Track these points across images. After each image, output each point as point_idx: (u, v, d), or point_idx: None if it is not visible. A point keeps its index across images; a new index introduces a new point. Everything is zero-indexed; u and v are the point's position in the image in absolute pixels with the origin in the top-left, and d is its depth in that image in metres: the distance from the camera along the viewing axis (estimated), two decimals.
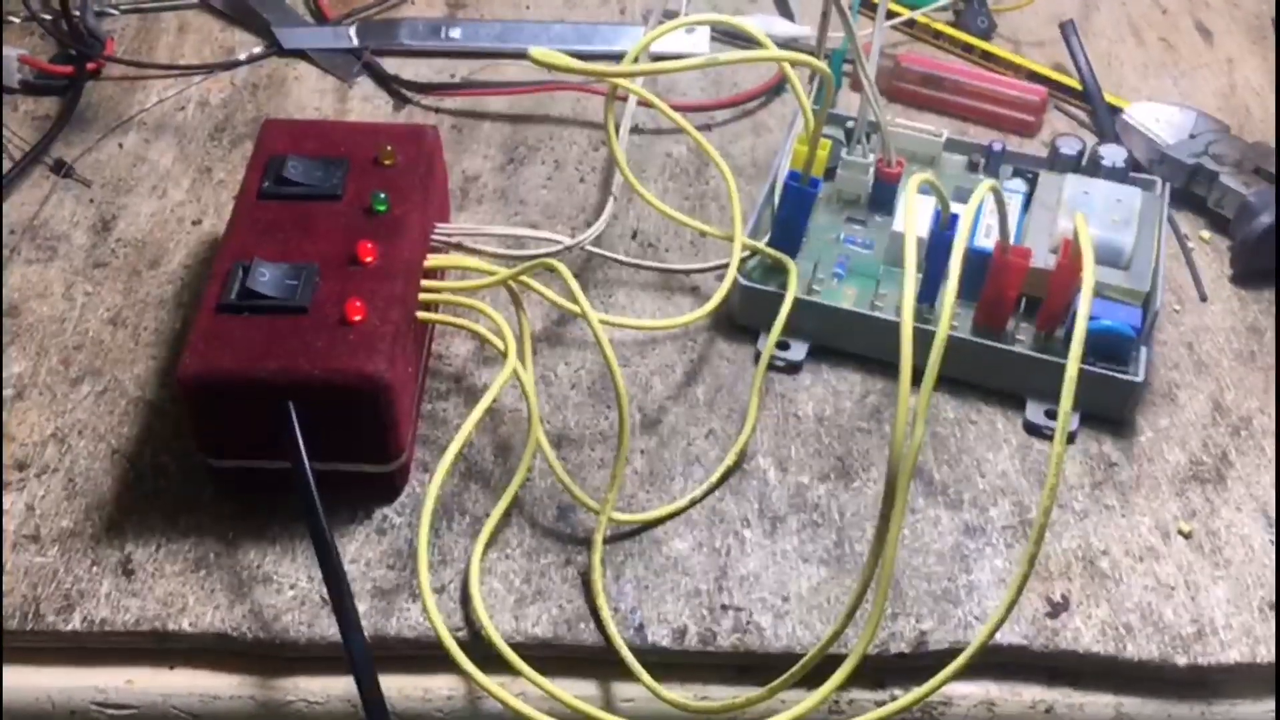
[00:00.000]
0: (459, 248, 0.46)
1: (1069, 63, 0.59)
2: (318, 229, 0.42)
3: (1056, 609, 0.40)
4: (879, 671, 0.39)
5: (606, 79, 0.44)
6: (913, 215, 0.36)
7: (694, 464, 0.44)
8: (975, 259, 0.44)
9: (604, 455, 0.44)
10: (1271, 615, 0.40)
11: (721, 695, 0.38)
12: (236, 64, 0.59)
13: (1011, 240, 0.44)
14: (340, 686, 0.38)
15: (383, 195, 0.43)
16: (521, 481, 0.42)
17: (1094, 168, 0.51)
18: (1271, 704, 0.40)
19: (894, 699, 0.38)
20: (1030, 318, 0.46)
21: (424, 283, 0.43)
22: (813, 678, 0.36)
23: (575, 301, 0.40)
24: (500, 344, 0.43)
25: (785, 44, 0.60)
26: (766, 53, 0.43)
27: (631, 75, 0.44)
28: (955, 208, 0.44)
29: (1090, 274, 0.35)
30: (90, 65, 0.58)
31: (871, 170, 0.50)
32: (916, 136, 0.52)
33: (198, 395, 0.38)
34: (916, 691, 0.36)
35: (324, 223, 0.42)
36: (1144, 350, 0.45)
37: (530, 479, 0.43)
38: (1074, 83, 0.59)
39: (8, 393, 0.45)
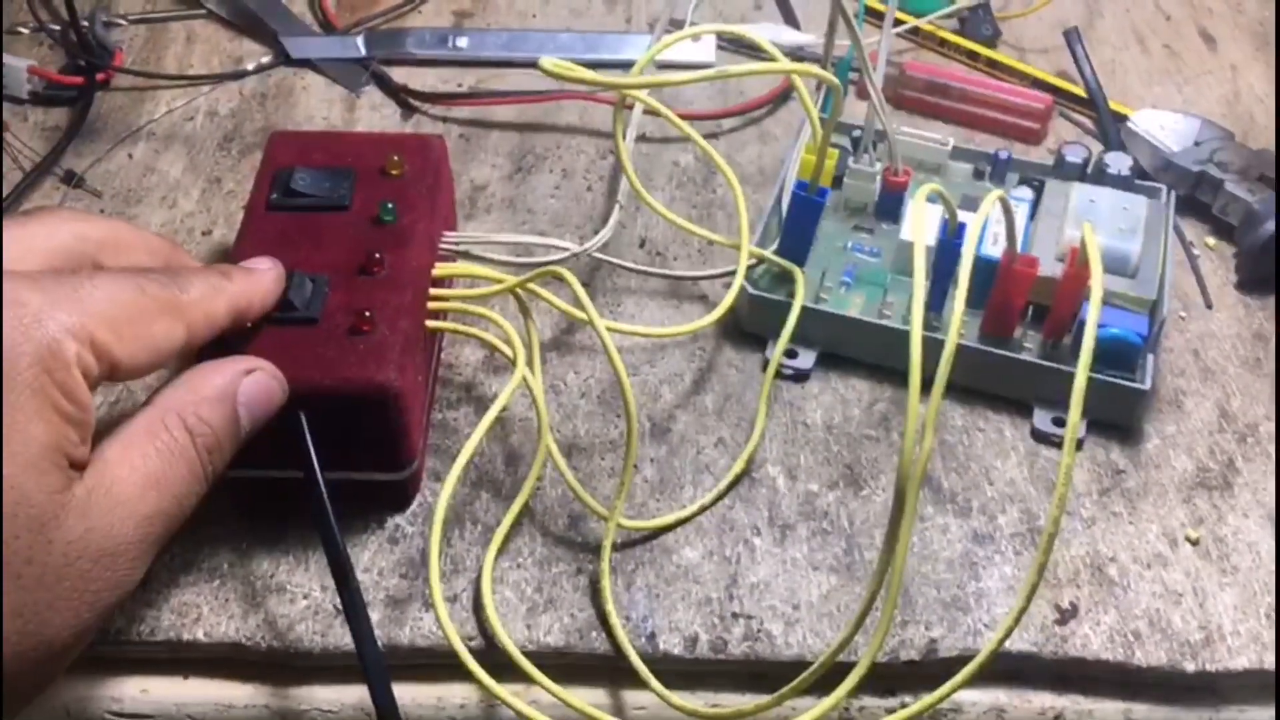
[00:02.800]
0: (467, 256, 0.46)
1: (1074, 70, 0.59)
2: (326, 240, 0.42)
3: (1065, 616, 0.40)
4: (889, 679, 0.39)
5: (615, 89, 0.44)
6: (921, 225, 0.36)
7: (704, 472, 0.44)
8: (982, 267, 0.45)
9: (614, 464, 0.44)
10: None
11: (733, 703, 0.39)
12: (244, 74, 0.60)
13: (1018, 249, 0.45)
14: (354, 695, 0.39)
15: (390, 205, 0.43)
16: (532, 490, 0.42)
17: (1099, 175, 0.51)
18: None
19: (904, 706, 0.38)
20: (1037, 326, 0.46)
21: (432, 291, 0.43)
22: (823, 685, 0.36)
23: (582, 309, 0.41)
24: (509, 352, 0.43)
25: (791, 52, 0.61)
26: (775, 65, 0.43)
27: (641, 86, 0.45)
28: (962, 216, 0.44)
29: (1099, 284, 0.36)
30: (99, 76, 0.58)
31: (878, 179, 0.50)
32: (923, 145, 0.52)
33: None
34: (927, 699, 0.36)
35: (332, 233, 0.43)
36: (1150, 358, 0.45)
37: (541, 487, 0.43)
38: (1079, 90, 0.59)
39: None
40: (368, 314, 0.39)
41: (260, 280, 0.38)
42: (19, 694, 0.30)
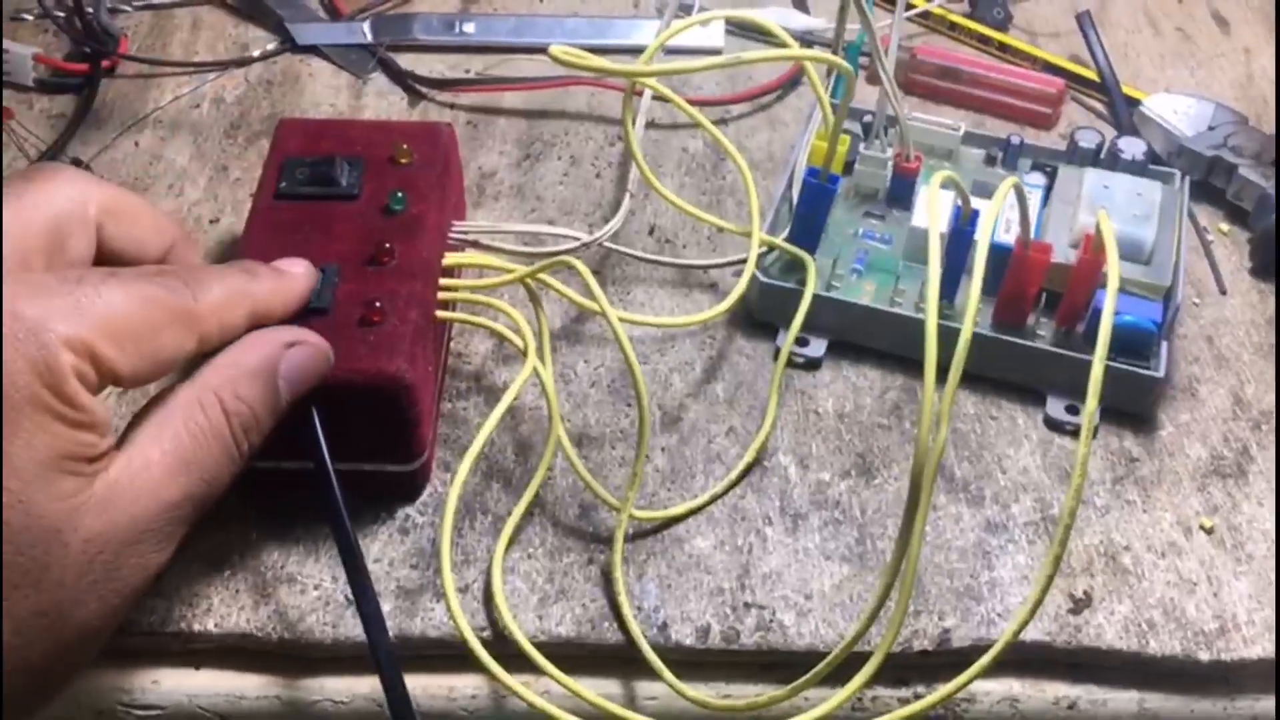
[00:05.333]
0: (476, 245, 0.46)
1: (1086, 54, 0.59)
2: (335, 229, 0.42)
3: (1079, 605, 0.40)
4: (902, 669, 0.39)
5: (626, 76, 0.43)
6: (935, 214, 0.36)
7: (715, 461, 0.44)
8: (995, 254, 0.44)
9: (625, 453, 0.44)
10: None
11: (745, 693, 0.39)
12: (250, 60, 0.59)
13: (1031, 235, 0.44)
14: (365, 686, 0.39)
15: (400, 194, 0.43)
16: (542, 480, 0.42)
17: (1113, 160, 0.50)
18: None
19: (917, 696, 0.38)
20: (1050, 313, 0.46)
21: (442, 281, 0.43)
22: (836, 676, 0.36)
23: (593, 299, 0.40)
24: (519, 342, 0.43)
25: (801, 37, 0.60)
26: (786, 51, 0.43)
27: (653, 74, 0.44)
28: (975, 202, 0.44)
29: (1115, 272, 0.35)
30: (105, 63, 0.58)
31: (890, 165, 0.50)
32: (934, 130, 0.52)
33: None
34: (941, 690, 0.36)
35: (342, 223, 0.42)
36: (1165, 345, 0.44)
37: (551, 478, 0.43)
38: (1091, 74, 0.58)
39: None
40: (378, 304, 0.39)
41: (290, 284, 0.37)
42: (55, 678, 0.31)
